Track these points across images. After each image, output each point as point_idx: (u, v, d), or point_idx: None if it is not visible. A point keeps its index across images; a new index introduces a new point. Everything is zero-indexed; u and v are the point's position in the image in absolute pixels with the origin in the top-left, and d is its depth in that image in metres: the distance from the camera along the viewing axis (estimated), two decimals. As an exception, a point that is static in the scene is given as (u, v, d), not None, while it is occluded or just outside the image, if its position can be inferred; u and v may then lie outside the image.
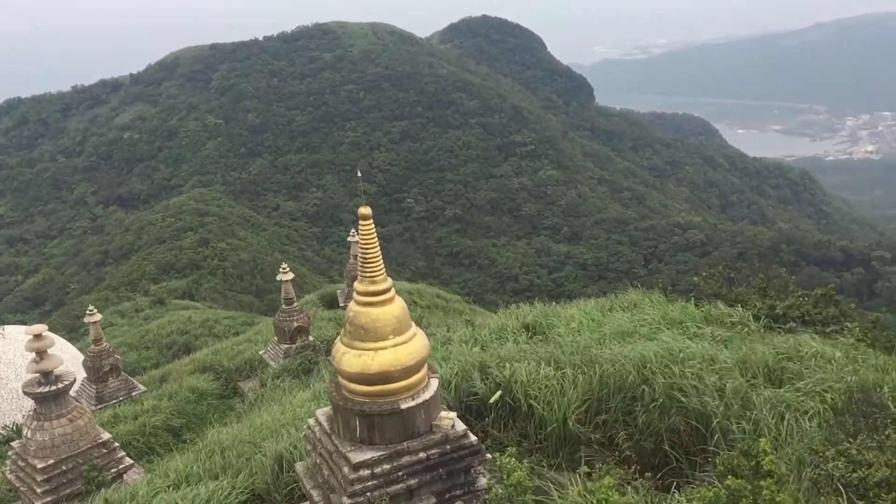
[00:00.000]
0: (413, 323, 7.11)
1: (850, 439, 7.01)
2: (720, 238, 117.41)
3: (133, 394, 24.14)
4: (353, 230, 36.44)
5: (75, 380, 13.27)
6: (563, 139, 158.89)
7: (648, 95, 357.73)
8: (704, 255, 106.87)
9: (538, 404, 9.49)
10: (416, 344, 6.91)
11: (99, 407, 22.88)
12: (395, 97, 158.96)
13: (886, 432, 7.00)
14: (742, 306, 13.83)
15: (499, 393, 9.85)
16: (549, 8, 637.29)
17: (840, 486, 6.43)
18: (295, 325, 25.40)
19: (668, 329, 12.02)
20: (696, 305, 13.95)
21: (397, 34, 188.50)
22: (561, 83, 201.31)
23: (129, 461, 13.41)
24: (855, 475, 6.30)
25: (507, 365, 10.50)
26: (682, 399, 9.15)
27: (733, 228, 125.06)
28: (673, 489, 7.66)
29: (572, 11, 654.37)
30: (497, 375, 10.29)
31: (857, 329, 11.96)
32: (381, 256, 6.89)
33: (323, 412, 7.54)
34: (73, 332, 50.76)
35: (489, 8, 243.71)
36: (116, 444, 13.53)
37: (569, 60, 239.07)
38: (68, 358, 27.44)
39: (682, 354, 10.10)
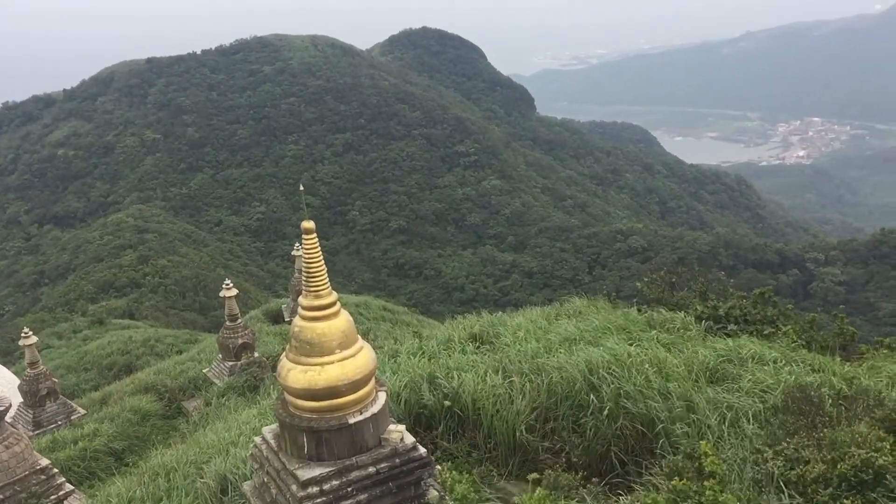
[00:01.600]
0: (359, 336, 7.07)
1: (788, 438, 7.19)
2: (661, 244, 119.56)
3: (72, 417, 23.46)
4: (297, 244, 36.10)
5: (11, 405, 12.84)
6: (505, 149, 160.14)
7: (588, 105, 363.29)
8: (646, 260, 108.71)
9: (487, 414, 9.53)
10: (362, 357, 6.87)
11: (37, 432, 22.19)
12: (337, 109, 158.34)
13: (823, 430, 7.20)
14: (683, 310, 14.10)
15: (447, 404, 9.86)
16: (488, 19, 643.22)
17: (780, 485, 6.59)
18: (240, 341, 25.03)
19: (612, 335, 12.18)
20: (640, 311, 14.16)
21: (338, 46, 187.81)
22: (502, 94, 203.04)
23: (69, 487, 13.04)
24: (793, 473, 6.47)
25: (456, 375, 10.52)
26: (628, 404, 9.28)
27: (673, 234, 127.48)
28: (620, 493, 7.75)
29: (511, 23, 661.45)
30: (445, 386, 10.29)
31: (792, 330, 12.28)
32: (325, 270, 6.83)
33: (270, 430, 7.44)
34: (8, 356, 49.07)
35: (428, 20, 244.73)
36: (55, 470, 13.14)
37: (509, 71, 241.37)
38: (3, 382, 26.59)
39: (627, 360, 10.24)
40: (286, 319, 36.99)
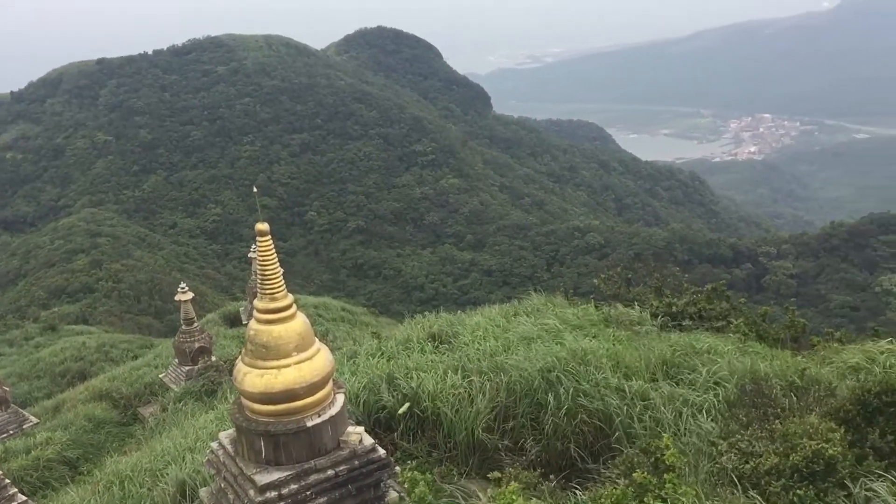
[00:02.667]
0: (316, 339, 7.01)
1: (742, 431, 7.32)
2: (618, 240, 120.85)
3: (24, 426, 22.95)
4: (253, 246, 35.73)
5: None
6: (463, 148, 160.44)
7: (544, 103, 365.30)
8: (604, 257, 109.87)
9: (446, 414, 9.53)
10: (320, 360, 6.81)
11: (-13, 443, 21.64)
12: (293, 110, 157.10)
13: (776, 422, 7.34)
14: (640, 306, 14.27)
15: (407, 404, 9.84)
16: (443, 19, 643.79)
17: (734, 478, 6.70)
18: (196, 345, 24.74)
19: (570, 332, 12.27)
20: (597, 307, 14.29)
21: (293, 46, 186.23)
22: (458, 93, 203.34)
23: (21, 498, 12.71)
24: (747, 466, 6.58)
25: (415, 375, 10.50)
26: (586, 401, 9.36)
27: (630, 230, 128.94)
28: (577, 489, 7.81)
29: (466, 22, 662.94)
30: (405, 387, 10.27)
31: (744, 323, 12.50)
32: (280, 272, 6.76)
33: (226, 434, 7.35)
34: (-43, 365, 47.81)
35: (383, 20, 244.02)
36: (7, 480, 12.81)
37: (465, 70, 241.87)
38: (-49, 393, 25.84)
39: (585, 357, 10.32)
40: (244, 322, 36.59)
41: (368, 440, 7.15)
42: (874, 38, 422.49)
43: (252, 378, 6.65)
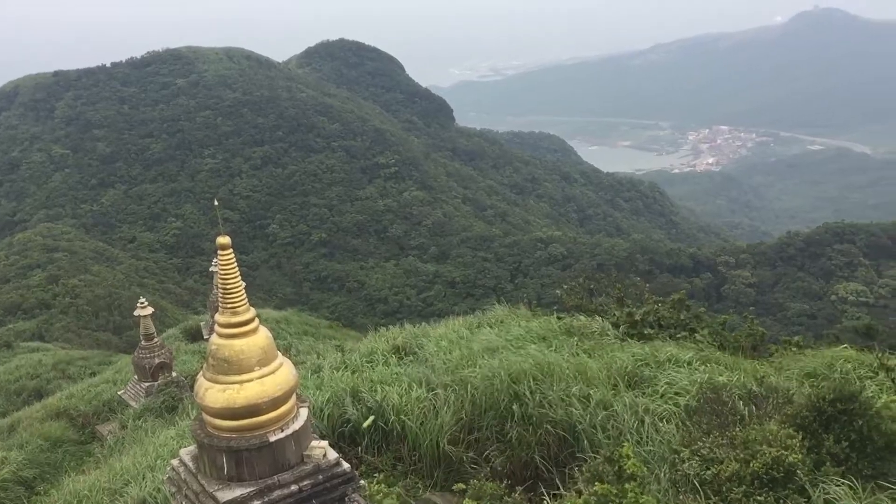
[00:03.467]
0: (279, 353, 6.95)
1: (703, 438, 7.41)
2: (580, 251, 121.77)
3: (-22, 447, 22.35)
4: (215, 260, 35.30)
5: None
6: (426, 160, 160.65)
7: (506, 115, 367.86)
8: (566, 268, 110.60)
9: (411, 427, 9.50)
10: (283, 374, 6.74)
11: (-61, 464, 21.02)
12: (255, 122, 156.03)
13: (736, 429, 7.44)
14: (602, 316, 14.39)
15: (371, 418, 9.80)
16: (405, 31, 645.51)
17: (696, 484, 6.77)
18: (156, 361, 24.35)
19: (534, 343, 12.32)
20: (560, 318, 14.38)
21: (254, 59, 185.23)
22: (421, 105, 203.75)
23: (-26, 521, 12.39)
24: (709, 472, 6.66)
25: (379, 389, 10.47)
26: (551, 411, 9.40)
27: (592, 241, 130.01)
28: (544, 499, 7.83)
29: (427, 35, 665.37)
30: (369, 400, 10.23)
31: (706, 332, 12.66)
32: (242, 286, 6.69)
33: (187, 451, 7.23)
34: None
35: (345, 32, 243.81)
36: (-41, 503, 12.48)
37: (427, 83, 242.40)
38: None
39: (549, 368, 10.37)
40: (205, 337, 36.12)
41: (333, 454, 7.09)
42: (825, 51, 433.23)
43: (213, 393, 6.55)
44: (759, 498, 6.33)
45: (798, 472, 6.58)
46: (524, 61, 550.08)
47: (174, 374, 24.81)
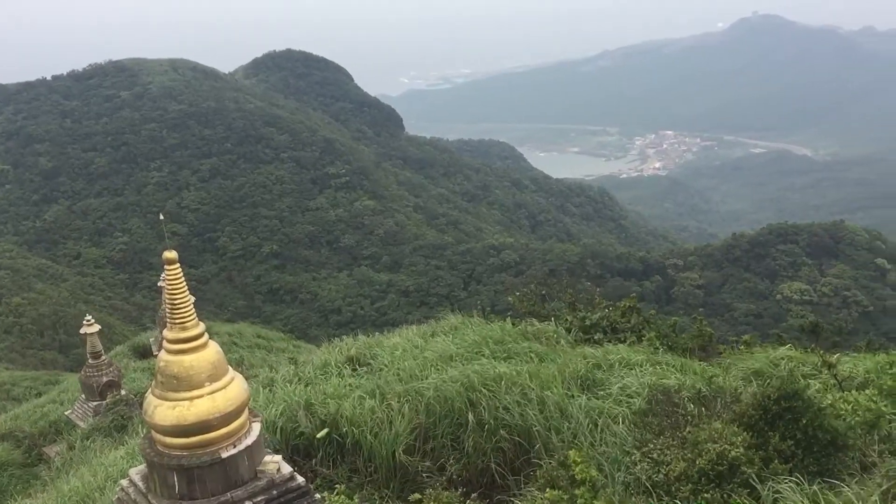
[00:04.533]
0: (230, 367, 6.87)
1: (654, 440, 7.52)
2: (532, 257, 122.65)
3: (-82, 474, 21.61)
4: (163, 275, 34.74)
5: None
6: (376, 169, 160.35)
7: (455, 123, 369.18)
8: (519, 274, 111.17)
9: (366, 438, 9.45)
10: (234, 389, 6.67)
11: None
12: (202, 134, 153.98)
13: (686, 429, 7.57)
14: (555, 321, 14.51)
15: (325, 430, 9.72)
16: (353, 41, 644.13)
17: (648, 486, 6.87)
18: (104, 379, 23.84)
19: (487, 349, 12.37)
20: (513, 324, 14.46)
21: (199, 70, 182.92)
22: (370, 114, 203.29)
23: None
24: (659, 474, 6.76)
25: (333, 401, 10.40)
26: (506, 417, 9.44)
27: (543, 247, 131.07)
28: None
29: (375, 44, 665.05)
30: (323, 412, 10.16)
31: (654, 335, 12.86)
32: (190, 301, 6.60)
33: (137, 471, 7.09)
34: None
35: (291, 42, 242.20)
36: None
37: (376, 92, 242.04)
38: None
39: (503, 374, 10.42)
40: (154, 353, 35.45)
41: (287, 468, 7.02)
42: (766, 56, 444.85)
43: (163, 411, 6.45)
44: (706, 494, 6.45)
45: (742, 466, 6.72)
46: (474, 69, 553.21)
47: (123, 392, 24.32)
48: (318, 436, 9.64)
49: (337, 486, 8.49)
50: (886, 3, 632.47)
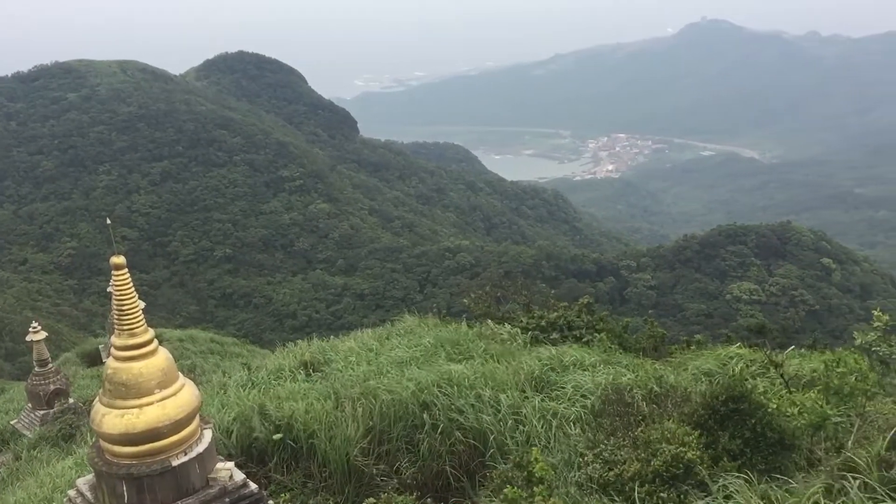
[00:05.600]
0: (180, 374, 6.77)
1: (606, 440, 7.61)
2: (488, 259, 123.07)
3: None
4: (112, 280, 34.05)
5: None
6: (331, 172, 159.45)
7: (410, 126, 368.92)
8: (475, 276, 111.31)
9: (320, 442, 9.39)
10: (185, 395, 6.57)
11: None
12: (152, 137, 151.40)
13: (638, 429, 7.67)
14: (510, 323, 14.59)
15: (279, 434, 9.63)
16: (306, 43, 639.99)
17: (601, 486, 6.95)
18: (52, 387, 23.32)
19: (443, 352, 12.38)
20: (469, 326, 14.50)
21: (149, 71, 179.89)
22: (324, 117, 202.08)
23: None
24: (612, 473, 6.85)
25: (287, 405, 10.30)
26: (461, 419, 9.45)
27: (499, 249, 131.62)
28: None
29: (328, 46, 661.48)
30: (277, 417, 10.06)
31: (607, 336, 13.02)
32: (139, 307, 6.49)
33: (84, 481, 6.95)
34: None
35: (244, 45, 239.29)
36: None
37: (330, 95, 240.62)
38: None
39: (458, 376, 10.43)
40: (104, 360, 34.74)
41: (239, 475, 6.94)
42: (714, 60, 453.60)
43: (111, 419, 6.32)
44: (661, 495, 6.54)
45: (697, 468, 6.83)
46: (428, 72, 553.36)
47: (71, 400, 23.83)
48: (273, 438, 9.56)
49: (283, 495, 8.43)
50: (829, 8, 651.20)
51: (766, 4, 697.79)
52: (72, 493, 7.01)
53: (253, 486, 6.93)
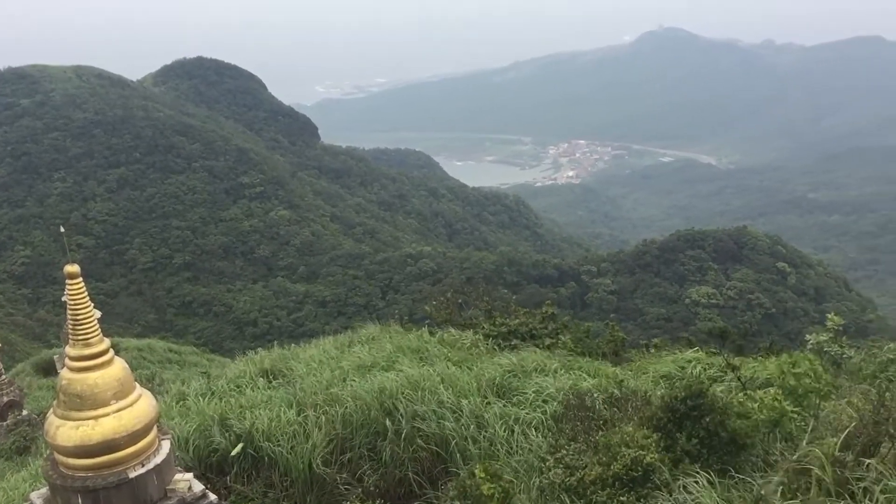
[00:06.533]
0: (137, 384, 6.66)
1: (567, 445, 7.66)
2: (450, 265, 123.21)
3: None
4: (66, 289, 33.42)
5: None
6: (291, 179, 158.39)
7: (371, 132, 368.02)
8: (437, 282, 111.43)
9: (281, 451, 9.30)
10: (142, 406, 6.48)
11: None
12: (109, 143, 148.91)
13: (599, 433, 7.74)
14: (472, 329, 14.61)
15: (240, 445, 9.52)
16: (266, 48, 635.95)
17: (562, 492, 6.99)
18: (4, 399, 22.86)
19: (405, 358, 12.36)
20: (431, 332, 14.49)
21: (105, 77, 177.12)
22: (285, 123, 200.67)
23: None
24: (573, 478, 6.89)
25: (248, 414, 10.20)
26: (423, 426, 9.44)
27: (461, 255, 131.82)
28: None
29: (288, 53, 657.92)
30: (237, 427, 9.95)
31: (570, 340, 13.11)
32: (94, 316, 6.38)
33: (38, 494, 6.80)
34: None
35: (201, 51, 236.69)
36: None
37: (291, 101, 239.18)
38: None
39: (420, 382, 10.42)
40: (59, 371, 34.08)
41: (198, 486, 6.86)
42: (671, 68, 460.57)
43: (66, 431, 6.21)
44: (622, 499, 6.60)
45: (657, 470, 6.91)
46: (388, 78, 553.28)
47: (25, 412, 23.40)
48: (233, 453, 9.44)
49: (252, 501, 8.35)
50: (783, 18, 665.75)
51: (721, 14, 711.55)
52: (25, 507, 6.86)
53: (212, 496, 6.85)
